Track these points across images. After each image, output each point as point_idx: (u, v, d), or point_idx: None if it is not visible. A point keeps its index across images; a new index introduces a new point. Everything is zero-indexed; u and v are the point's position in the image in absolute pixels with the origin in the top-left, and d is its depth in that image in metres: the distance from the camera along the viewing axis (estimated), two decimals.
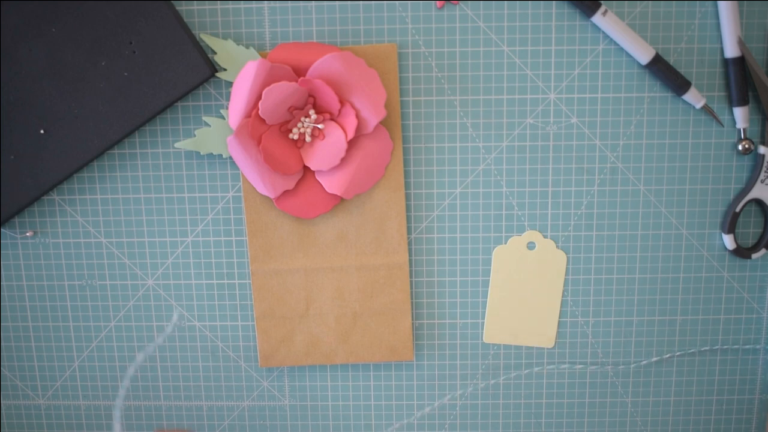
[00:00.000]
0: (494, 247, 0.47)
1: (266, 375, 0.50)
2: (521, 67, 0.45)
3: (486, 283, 0.48)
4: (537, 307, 0.47)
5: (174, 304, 0.49)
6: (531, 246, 0.47)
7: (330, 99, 0.43)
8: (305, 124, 0.44)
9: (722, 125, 0.46)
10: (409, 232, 0.47)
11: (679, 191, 0.47)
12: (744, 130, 0.45)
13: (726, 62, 0.44)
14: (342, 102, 0.43)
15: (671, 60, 0.45)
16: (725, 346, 0.49)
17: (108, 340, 0.50)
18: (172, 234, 0.48)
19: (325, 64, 0.42)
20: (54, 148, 0.45)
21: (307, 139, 0.44)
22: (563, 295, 0.48)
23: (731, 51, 0.44)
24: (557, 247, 0.47)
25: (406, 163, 0.47)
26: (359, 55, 0.44)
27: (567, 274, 0.48)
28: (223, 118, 0.45)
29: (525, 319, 0.48)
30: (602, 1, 0.44)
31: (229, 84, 0.45)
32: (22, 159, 0.45)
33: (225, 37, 0.45)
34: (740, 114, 0.45)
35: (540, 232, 0.47)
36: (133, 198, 0.47)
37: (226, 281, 0.48)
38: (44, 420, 0.51)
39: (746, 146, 0.45)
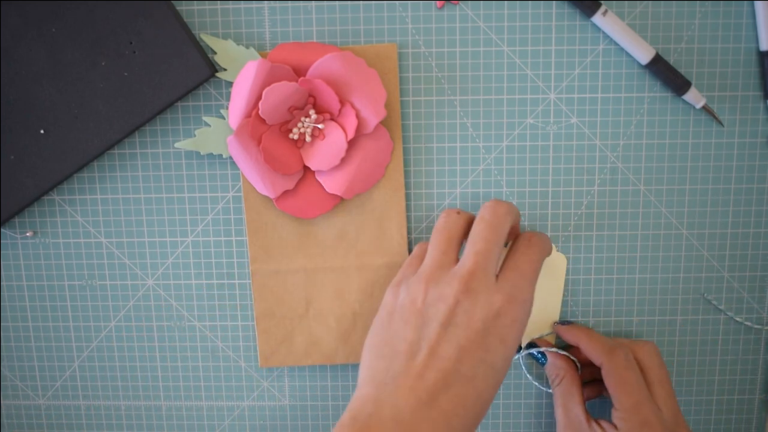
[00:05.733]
0: None
1: (266, 375, 0.50)
2: (521, 67, 0.45)
3: None
4: (536, 309, 0.47)
5: (174, 304, 0.49)
6: None
7: (330, 99, 0.43)
8: (305, 124, 0.44)
9: (722, 125, 0.46)
10: (409, 232, 0.47)
11: (679, 191, 0.47)
12: None
13: (762, 56, 0.44)
14: (342, 102, 0.43)
15: (671, 60, 0.45)
16: (725, 346, 0.49)
17: (108, 340, 0.50)
18: (172, 234, 0.48)
19: (325, 64, 0.42)
20: (54, 148, 0.45)
21: (307, 139, 0.44)
22: (563, 296, 0.48)
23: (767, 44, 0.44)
24: (557, 249, 0.47)
25: (406, 163, 0.47)
26: (359, 55, 0.44)
27: (567, 274, 0.48)
28: (223, 118, 0.45)
29: None
30: (602, 1, 0.44)
31: (229, 84, 0.45)
32: (22, 159, 0.45)
33: (225, 37, 0.45)
34: None
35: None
36: (133, 198, 0.47)
37: (226, 281, 0.48)
38: (44, 420, 0.51)
39: None
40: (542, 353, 0.46)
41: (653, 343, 0.45)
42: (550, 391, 0.47)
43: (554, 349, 0.46)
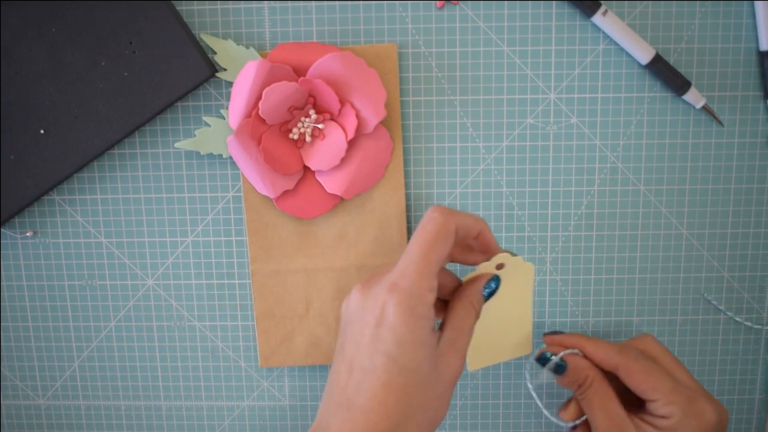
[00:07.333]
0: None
1: (266, 375, 0.50)
2: (521, 67, 0.45)
3: None
4: (510, 323, 0.44)
5: (174, 304, 0.49)
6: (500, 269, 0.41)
7: (330, 99, 0.43)
8: (305, 124, 0.44)
9: (722, 125, 0.46)
10: (409, 232, 0.47)
11: (679, 191, 0.47)
12: None
13: (762, 56, 0.44)
14: (342, 102, 0.43)
15: (671, 60, 0.45)
16: (725, 346, 0.49)
17: (108, 340, 0.50)
18: (172, 234, 0.48)
19: (325, 64, 0.42)
20: (54, 148, 0.45)
21: (307, 139, 0.44)
22: (564, 295, 0.48)
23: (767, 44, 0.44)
24: (525, 260, 0.43)
25: (406, 163, 0.47)
26: (359, 55, 0.44)
27: (567, 274, 0.48)
28: (223, 118, 0.45)
29: (501, 338, 0.44)
30: (602, 1, 0.44)
31: (229, 84, 0.45)
32: (22, 159, 0.45)
33: (225, 37, 0.45)
34: None
35: (509, 251, 0.42)
36: (133, 198, 0.47)
37: (226, 281, 0.48)
38: (44, 420, 0.51)
39: None
40: (562, 360, 0.42)
41: (650, 334, 0.44)
42: (566, 423, 0.44)
43: (573, 350, 0.43)
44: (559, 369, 0.42)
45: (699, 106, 0.45)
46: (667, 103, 0.46)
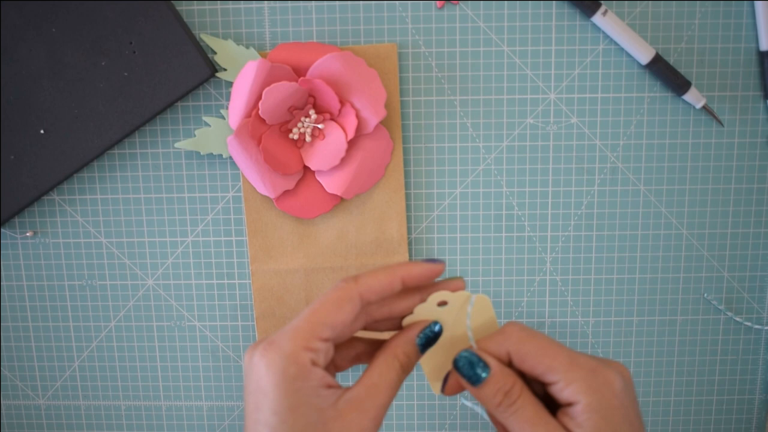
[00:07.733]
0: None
1: None
2: (521, 67, 0.45)
3: (487, 283, 0.48)
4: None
5: (174, 304, 0.49)
6: (443, 305, 0.35)
7: (330, 99, 0.43)
8: (305, 124, 0.44)
9: (722, 125, 0.46)
10: (409, 232, 0.47)
11: (679, 191, 0.47)
12: None
13: (761, 56, 0.44)
14: (342, 102, 0.43)
15: (671, 60, 0.45)
16: (725, 346, 0.49)
17: (108, 340, 0.50)
18: (172, 234, 0.48)
19: (325, 64, 0.42)
20: (54, 148, 0.45)
21: (307, 139, 0.44)
22: (564, 295, 0.48)
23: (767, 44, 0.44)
24: (474, 292, 0.40)
25: (406, 163, 0.47)
26: (359, 55, 0.44)
27: (567, 274, 0.48)
28: (223, 118, 0.45)
29: None
30: (602, 1, 0.44)
31: (229, 84, 0.45)
32: (22, 159, 0.45)
33: (225, 37, 0.45)
34: None
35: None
36: (133, 198, 0.47)
37: (226, 281, 0.48)
38: (44, 420, 0.51)
39: None
40: (484, 363, 0.33)
41: (516, 321, 0.35)
42: None
43: (473, 345, 0.34)
44: (477, 380, 0.33)
45: (699, 106, 0.45)
46: (667, 103, 0.46)
